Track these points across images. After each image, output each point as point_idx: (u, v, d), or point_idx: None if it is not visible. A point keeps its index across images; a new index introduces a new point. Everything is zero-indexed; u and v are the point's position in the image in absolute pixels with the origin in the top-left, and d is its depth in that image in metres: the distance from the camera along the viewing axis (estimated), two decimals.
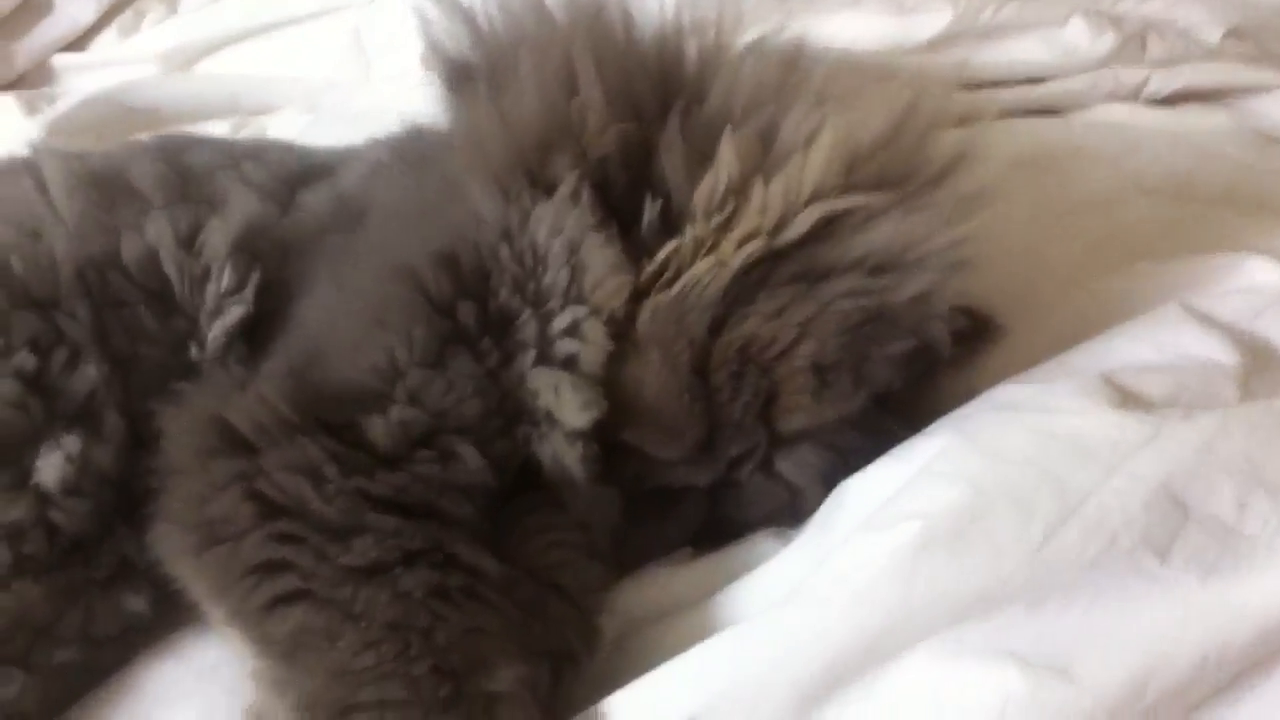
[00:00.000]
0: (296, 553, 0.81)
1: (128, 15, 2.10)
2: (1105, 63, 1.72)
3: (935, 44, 1.69)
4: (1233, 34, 1.79)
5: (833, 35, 1.10)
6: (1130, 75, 1.72)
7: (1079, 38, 1.72)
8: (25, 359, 0.91)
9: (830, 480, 0.95)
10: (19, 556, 0.88)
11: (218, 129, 1.51)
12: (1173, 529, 0.80)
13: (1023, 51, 1.72)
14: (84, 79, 1.98)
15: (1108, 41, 1.71)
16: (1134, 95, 1.72)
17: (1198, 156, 1.52)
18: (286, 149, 1.20)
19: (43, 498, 0.89)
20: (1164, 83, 1.72)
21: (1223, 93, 1.74)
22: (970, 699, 0.72)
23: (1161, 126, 1.64)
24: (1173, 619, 0.74)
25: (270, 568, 0.81)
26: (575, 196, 0.91)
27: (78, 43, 2.09)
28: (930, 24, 1.69)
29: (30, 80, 2.02)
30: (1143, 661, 0.72)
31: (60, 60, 2.06)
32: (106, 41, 2.08)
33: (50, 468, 0.89)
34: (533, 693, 0.80)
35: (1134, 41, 1.73)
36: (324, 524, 0.82)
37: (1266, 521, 0.80)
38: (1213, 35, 1.78)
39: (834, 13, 1.69)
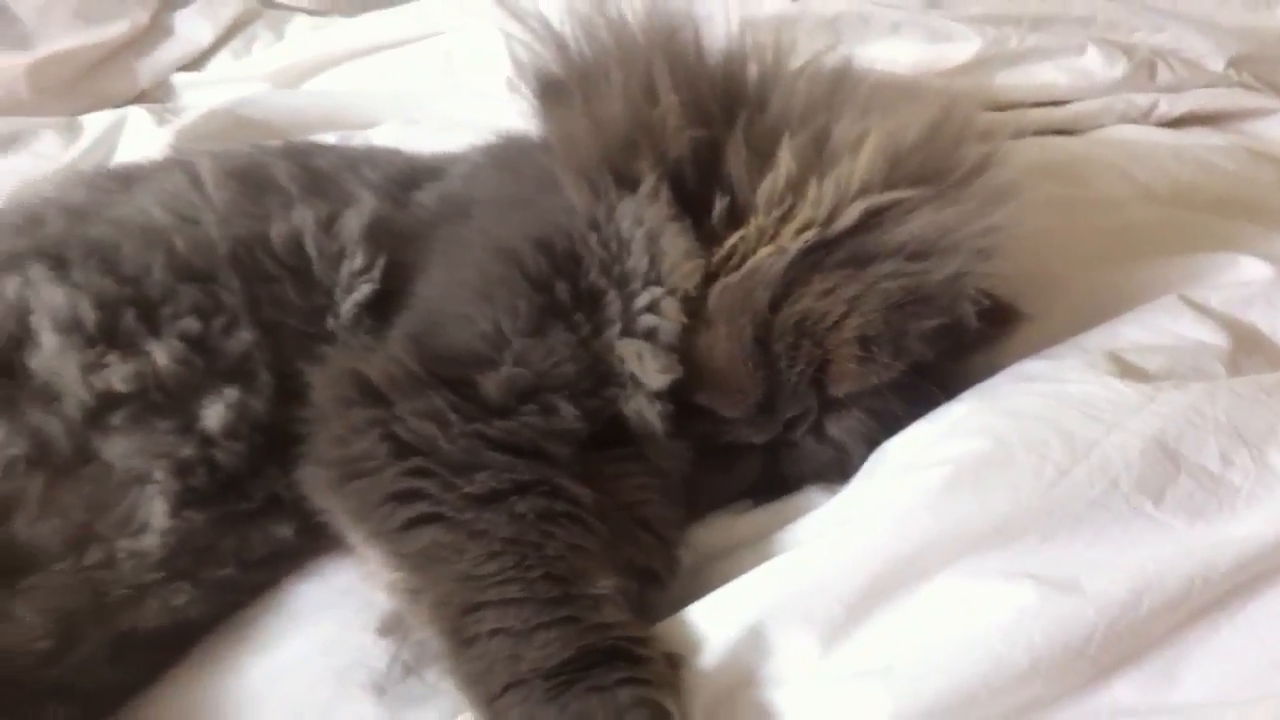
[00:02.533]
0: (427, 484, 0.92)
1: (239, 39, 2.24)
2: (1118, 88, 1.87)
3: (966, 68, 1.83)
4: (1235, 63, 1.95)
5: (875, 58, 1.21)
6: (1141, 99, 1.87)
7: (1094, 64, 1.88)
8: (190, 323, 1.03)
9: (873, 441, 1.06)
10: (187, 488, 0.99)
11: (326, 140, 1.63)
12: (1166, 477, 0.92)
13: (1044, 76, 1.87)
14: (199, 95, 2.12)
15: (1120, 68, 1.87)
16: (1144, 117, 1.86)
17: (1198, 169, 1.64)
18: (395, 154, 1.32)
19: (207, 439, 1.01)
20: (1171, 106, 1.87)
21: (1224, 116, 1.89)
22: (991, 609, 0.84)
23: (1167, 142, 1.77)
24: (1164, 552, 0.86)
25: (405, 496, 0.92)
26: (655, 193, 1.03)
27: (194, 63, 2.22)
28: (961, 50, 1.84)
29: (150, 96, 2.15)
30: (1138, 581, 0.83)
31: (179, 78, 2.20)
32: (220, 62, 2.22)
33: (213, 415, 1.01)
34: (626, 599, 0.91)
35: (1144, 68, 1.88)
36: (449, 461, 0.93)
37: (1247, 473, 0.92)
38: (1217, 64, 1.95)
39: (877, 39, 1.85)
